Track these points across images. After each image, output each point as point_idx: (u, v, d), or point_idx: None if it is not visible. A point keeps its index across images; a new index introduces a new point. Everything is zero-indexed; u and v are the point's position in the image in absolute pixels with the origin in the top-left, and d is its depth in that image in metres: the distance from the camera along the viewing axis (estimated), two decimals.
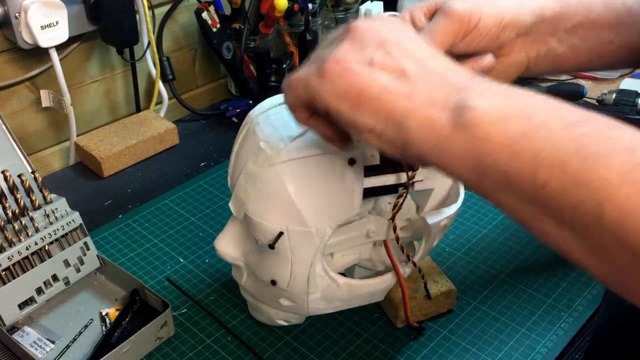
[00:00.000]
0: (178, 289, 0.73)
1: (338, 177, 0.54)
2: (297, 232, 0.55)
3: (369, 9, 1.21)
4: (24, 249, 0.65)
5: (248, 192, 0.56)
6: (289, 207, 0.54)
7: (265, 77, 1.01)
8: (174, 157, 0.99)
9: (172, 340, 0.67)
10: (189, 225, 0.84)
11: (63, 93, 0.92)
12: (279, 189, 0.54)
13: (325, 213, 0.55)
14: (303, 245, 0.56)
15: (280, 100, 0.58)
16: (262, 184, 0.55)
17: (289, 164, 0.53)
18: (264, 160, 0.54)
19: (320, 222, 0.55)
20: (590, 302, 0.71)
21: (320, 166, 0.54)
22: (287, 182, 0.54)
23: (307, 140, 0.54)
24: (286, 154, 0.53)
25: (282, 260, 0.57)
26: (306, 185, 0.54)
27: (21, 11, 0.82)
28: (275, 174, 0.54)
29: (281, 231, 0.55)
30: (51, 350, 0.66)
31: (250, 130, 0.58)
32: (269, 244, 0.56)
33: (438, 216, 0.60)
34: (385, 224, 0.61)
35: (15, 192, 0.65)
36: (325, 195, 0.54)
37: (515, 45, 0.58)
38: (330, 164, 0.53)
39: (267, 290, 0.62)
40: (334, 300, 0.62)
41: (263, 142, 0.55)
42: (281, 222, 0.55)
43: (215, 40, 1.01)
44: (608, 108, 1.05)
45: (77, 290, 0.72)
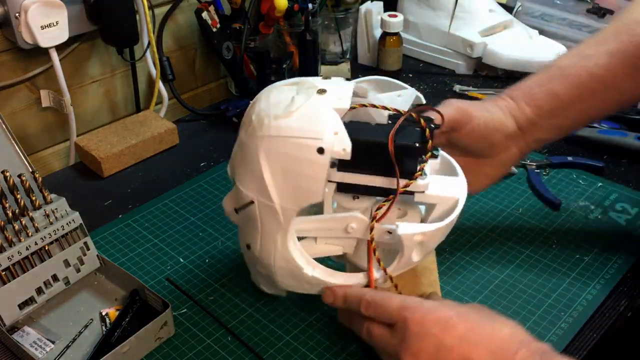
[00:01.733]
0: (178, 289, 0.73)
1: (306, 162, 0.56)
2: (264, 205, 0.59)
3: (368, 9, 1.21)
4: (24, 249, 0.65)
5: (237, 158, 0.61)
6: (259, 179, 0.58)
7: (265, 77, 1.01)
8: (174, 157, 0.99)
9: (172, 340, 0.67)
10: (189, 225, 0.84)
11: (63, 93, 0.92)
12: (255, 161, 0.58)
13: (290, 194, 0.57)
14: (269, 218, 0.59)
15: (286, 82, 0.62)
16: (245, 153, 0.59)
17: (266, 140, 0.57)
18: (251, 132, 0.59)
19: (284, 201, 0.58)
20: (591, 302, 0.71)
21: (292, 148, 0.56)
22: (261, 156, 0.57)
23: (288, 122, 0.57)
24: (267, 130, 0.57)
25: (254, 227, 0.61)
26: (276, 163, 0.57)
27: (21, 11, 0.82)
28: (254, 146, 0.58)
29: (252, 200, 0.59)
30: (51, 350, 0.66)
31: (253, 102, 0.62)
32: (234, 208, 0.61)
33: (411, 228, 0.58)
34: (366, 223, 0.61)
35: (15, 192, 0.65)
36: (291, 176, 0.57)
37: (505, 144, 0.70)
38: (300, 149, 0.56)
39: (249, 254, 0.64)
40: (302, 282, 0.63)
41: (255, 115, 0.59)
42: (253, 191, 0.59)
43: (215, 40, 1.01)
44: None
45: (77, 290, 0.72)
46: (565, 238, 0.80)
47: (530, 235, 0.80)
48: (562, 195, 0.87)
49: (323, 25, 1.19)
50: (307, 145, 0.56)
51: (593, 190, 0.88)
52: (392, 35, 1.14)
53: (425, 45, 1.26)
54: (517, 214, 0.84)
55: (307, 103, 0.58)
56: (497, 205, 0.86)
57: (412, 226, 0.59)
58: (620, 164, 0.94)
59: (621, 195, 0.87)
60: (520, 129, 0.70)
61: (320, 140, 0.55)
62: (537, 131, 0.70)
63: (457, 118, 0.67)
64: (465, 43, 1.19)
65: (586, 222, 0.82)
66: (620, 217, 0.83)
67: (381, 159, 0.58)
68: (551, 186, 0.89)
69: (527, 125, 0.69)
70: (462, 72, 1.22)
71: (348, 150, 0.56)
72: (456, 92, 1.14)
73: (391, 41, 1.14)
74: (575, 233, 0.81)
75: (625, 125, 1.00)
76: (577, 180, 0.90)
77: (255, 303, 0.71)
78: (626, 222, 0.82)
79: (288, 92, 0.60)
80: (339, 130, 0.56)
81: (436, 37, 1.24)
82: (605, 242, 0.79)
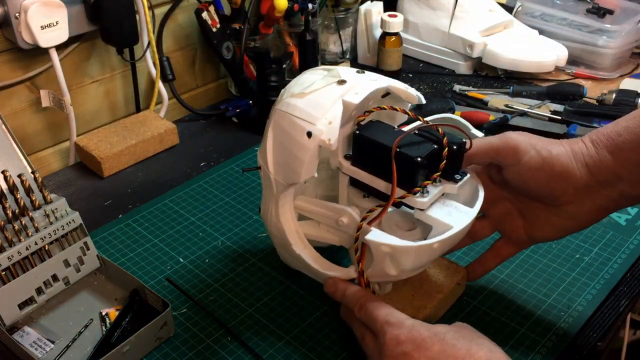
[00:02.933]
0: (178, 289, 0.73)
1: (296, 142, 0.59)
2: (265, 173, 0.63)
3: (368, 9, 1.21)
4: (24, 249, 0.65)
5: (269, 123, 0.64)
6: (266, 147, 0.62)
7: (265, 77, 1.01)
8: (174, 157, 0.99)
9: (172, 340, 0.67)
10: (189, 225, 0.84)
11: (63, 93, 0.92)
12: (268, 130, 0.62)
13: (281, 168, 0.61)
14: (267, 186, 0.63)
15: (323, 67, 0.65)
16: (268, 121, 0.62)
17: (277, 113, 0.61)
18: (277, 101, 0.62)
19: (277, 173, 0.61)
20: (590, 302, 0.71)
21: (291, 127, 0.59)
22: (270, 126, 0.62)
23: (299, 102, 0.59)
24: (280, 104, 0.61)
25: (263, 188, 0.65)
26: (278, 136, 0.60)
27: (21, 11, 0.82)
28: (271, 115, 0.62)
29: (260, 165, 0.63)
30: (51, 350, 0.66)
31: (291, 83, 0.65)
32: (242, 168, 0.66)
33: (378, 237, 0.58)
34: (356, 221, 0.62)
35: (15, 192, 0.65)
36: (285, 152, 0.60)
37: (574, 196, 0.60)
38: (295, 128, 0.59)
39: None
40: (292, 258, 0.66)
41: (284, 90, 0.63)
42: (261, 157, 0.63)
43: (215, 40, 1.01)
44: (608, 108, 1.05)
45: (77, 290, 0.72)
46: (565, 238, 0.80)
47: None
48: None
49: (323, 25, 1.19)
50: (300, 127, 0.58)
51: None
52: (392, 35, 1.14)
53: (425, 45, 1.26)
54: None
55: (322, 89, 0.60)
56: None
57: (380, 236, 0.58)
58: None
59: None
60: (598, 182, 0.58)
61: (313, 125, 0.58)
62: (624, 186, 0.58)
63: (501, 150, 0.60)
64: (465, 43, 1.19)
65: None
66: (620, 217, 0.83)
67: (384, 162, 0.58)
68: None
69: (610, 178, 0.58)
70: (462, 72, 1.22)
71: (332, 142, 0.57)
72: (456, 92, 1.14)
73: (391, 41, 1.14)
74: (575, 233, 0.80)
75: None
76: None
77: (255, 303, 0.71)
78: (626, 222, 0.82)
79: (316, 76, 0.62)
80: (334, 120, 0.58)
81: (436, 37, 1.24)
82: (605, 242, 0.79)
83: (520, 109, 1.05)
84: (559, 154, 0.59)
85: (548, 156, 0.59)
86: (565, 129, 1.00)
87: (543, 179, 0.59)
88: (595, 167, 0.58)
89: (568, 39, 1.20)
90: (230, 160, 0.97)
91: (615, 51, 1.17)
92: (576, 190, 0.59)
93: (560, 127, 1.01)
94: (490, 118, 1.02)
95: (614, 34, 1.16)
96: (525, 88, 1.11)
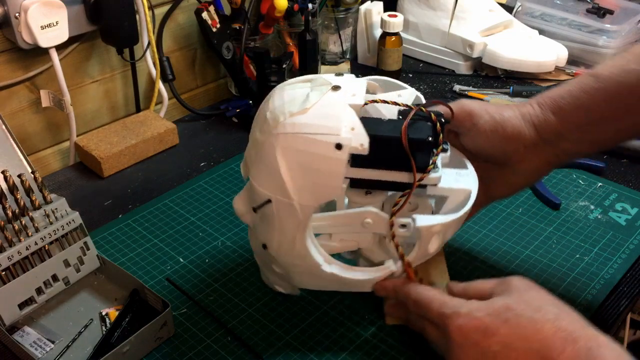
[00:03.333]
0: (178, 289, 0.73)
1: (324, 158, 0.56)
2: (282, 203, 0.58)
3: (368, 9, 1.21)
4: (24, 249, 0.65)
5: (252, 157, 0.61)
6: (276, 177, 0.57)
7: (265, 77, 1.01)
8: (174, 157, 0.99)
9: (172, 340, 0.67)
10: (189, 225, 0.84)
11: (63, 93, 0.92)
12: (271, 159, 0.58)
13: (308, 190, 0.57)
14: (287, 216, 0.59)
15: (299, 79, 0.62)
16: (261, 151, 0.59)
17: (282, 137, 0.57)
18: (266, 130, 0.58)
19: (302, 198, 0.57)
20: (590, 302, 0.71)
21: (310, 145, 0.56)
22: (278, 153, 0.57)
23: (304, 119, 0.57)
24: (282, 127, 0.57)
25: (271, 227, 0.60)
26: (294, 160, 0.57)
27: (21, 11, 0.82)
28: (270, 144, 0.58)
29: (269, 199, 0.59)
30: (51, 350, 0.66)
31: (266, 99, 0.62)
32: (253, 207, 0.60)
33: (429, 221, 0.60)
34: (382, 217, 0.62)
35: (15, 192, 0.65)
36: (309, 173, 0.57)
37: (524, 154, 0.65)
38: (318, 145, 0.56)
39: (264, 254, 0.64)
40: (320, 279, 0.63)
41: (269, 112, 0.59)
42: (270, 190, 0.58)
43: (215, 40, 1.02)
44: None
45: (77, 290, 0.72)
46: (565, 238, 0.80)
47: (530, 235, 0.80)
48: (562, 195, 0.87)
49: (323, 25, 1.19)
50: (324, 142, 0.56)
51: (593, 190, 0.88)
52: (392, 35, 1.14)
53: (425, 45, 1.26)
54: (517, 213, 0.84)
55: (322, 99, 0.58)
56: (497, 205, 0.86)
57: (430, 218, 0.60)
58: (620, 164, 0.94)
59: (621, 195, 0.87)
60: (543, 140, 0.64)
61: (338, 136, 0.56)
62: (566, 143, 0.64)
63: (460, 118, 0.65)
64: (465, 43, 1.19)
65: (586, 222, 0.82)
66: (620, 217, 0.83)
67: (395, 153, 0.58)
68: (551, 186, 0.89)
69: (553, 136, 0.64)
70: (462, 72, 1.22)
71: (366, 146, 0.56)
72: (456, 92, 1.14)
73: (391, 41, 1.14)
74: (575, 233, 0.81)
75: None
76: (577, 180, 0.90)
77: (255, 303, 0.71)
78: (626, 222, 0.82)
79: (302, 89, 0.60)
80: (355, 125, 0.57)
81: (436, 37, 1.24)
82: (605, 242, 0.79)
83: None
84: (510, 116, 0.64)
85: (500, 119, 0.64)
86: None
87: (497, 140, 0.64)
88: (542, 127, 0.64)
89: (568, 39, 1.20)
90: (230, 160, 0.97)
91: (615, 51, 1.17)
92: (526, 148, 0.64)
93: None
94: None
95: (614, 34, 1.16)
96: (525, 88, 1.11)
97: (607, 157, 0.96)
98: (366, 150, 0.57)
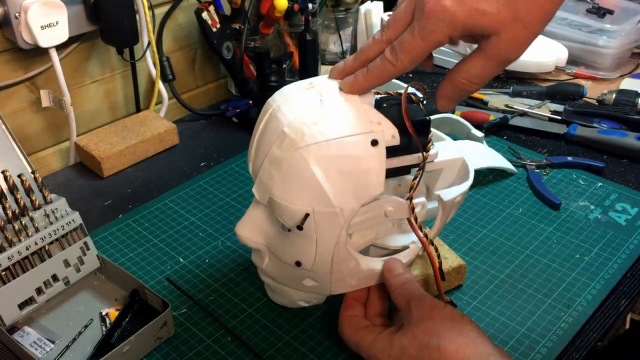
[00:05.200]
0: (178, 289, 0.73)
1: (361, 158, 0.56)
2: (322, 213, 0.57)
3: (368, 9, 1.21)
4: (24, 249, 0.65)
5: (273, 177, 0.58)
6: (315, 188, 0.56)
7: (265, 77, 1.01)
8: (174, 157, 0.99)
9: (172, 340, 0.67)
10: (189, 225, 0.84)
11: (63, 93, 0.92)
12: (304, 172, 0.56)
13: (350, 193, 0.57)
14: (328, 225, 0.58)
15: (298, 86, 0.61)
16: (288, 167, 0.57)
17: (313, 147, 0.56)
18: (289, 145, 0.56)
19: (345, 202, 0.57)
20: (590, 302, 0.71)
21: (344, 148, 0.56)
22: (313, 164, 0.56)
23: (330, 124, 0.56)
24: (311, 138, 0.56)
25: (307, 241, 0.59)
26: (331, 166, 0.56)
27: (21, 11, 0.82)
28: (300, 157, 0.56)
29: (307, 213, 0.57)
30: (51, 350, 0.66)
31: (272, 115, 0.59)
32: (297, 225, 0.57)
33: (452, 193, 0.64)
34: (403, 203, 0.62)
35: (15, 192, 0.65)
36: (349, 175, 0.56)
37: None
38: (353, 146, 0.56)
39: (291, 272, 0.63)
40: (357, 279, 0.64)
41: (287, 127, 0.57)
42: (307, 203, 0.57)
43: (215, 40, 1.01)
44: (608, 108, 1.05)
45: (77, 290, 0.72)
46: (565, 238, 0.80)
47: (530, 235, 0.80)
48: (562, 195, 0.87)
49: (323, 25, 1.19)
50: (357, 142, 0.56)
51: (593, 190, 0.88)
52: None
53: None
54: (517, 213, 0.84)
55: (339, 102, 0.57)
56: (497, 205, 0.86)
57: (452, 191, 0.64)
58: (620, 164, 0.94)
59: (621, 195, 0.87)
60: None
61: (371, 133, 0.56)
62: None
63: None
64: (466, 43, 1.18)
65: (586, 222, 0.82)
66: (620, 217, 0.83)
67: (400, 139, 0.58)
68: (551, 186, 0.89)
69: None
70: None
71: (397, 137, 0.57)
72: None
73: None
74: (575, 233, 0.81)
75: (625, 125, 1.00)
76: (577, 180, 0.90)
77: (255, 303, 0.71)
78: (626, 222, 0.82)
79: (310, 96, 0.58)
80: (381, 119, 0.57)
81: None
82: (605, 242, 0.79)
83: (520, 109, 1.05)
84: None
85: None
86: (565, 129, 1.00)
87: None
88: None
89: (568, 39, 1.20)
90: (230, 160, 0.97)
91: (615, 51, 1.17)
92: None
93: (560, 127, 1.01)
94: (490, 118, 1.02)
95: (614, 34, 1.16)
96: (525, 88, 1.11)
97: (607, 157, 0.96)
98: (398, 140, 0.57)
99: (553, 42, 1.19)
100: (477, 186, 0.89)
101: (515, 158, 0.95)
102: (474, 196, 0.87)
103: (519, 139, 1.01)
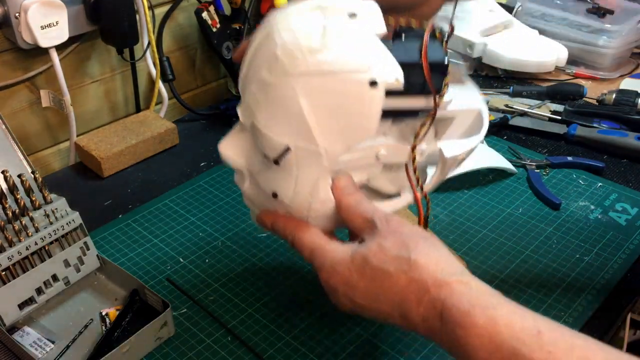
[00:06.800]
0: (178, 289, 0.73)
1: (357, 98, 0.51)
2: (304, 150, 0.53)
3: None
4: (24, 249, 0.65)
5: (258, 101, 0.54)
6: (299, 122, 0.52)
7: None
8: (174, 157, 0.99)
9: (172, 340, 0.67)
10: (189, 225, 0.84)
11: (63, 93, 0.92)
12: (291, 102, 0.51)
13: (338, 133, 0.52)
14: (309, 164, 0.54)
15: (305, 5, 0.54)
16: (275, 95, 0.52)
17: (305, 77, 0.51)
18: (280, 70, 0.51)
19: (331, 142, 0.52)
20: (590, 302, 0.71)
21: (339, 84, 0.51)
22: (301, 96, 0.51)
23: (330, 54, 0.50)
24: (304, 66, 0.50)
25: (286, 175, 0.55)
26: (321, 102, 0.51)
27: (21, 11, 0.82)
28: (289, 85, 0.51)
29: (288, 147, 0.53)
30: (51, 350, 0.66)
31: (269, 34, 0.54)
32: (273, 158, 0.54)
33: (456, 149, 0.57)
34: (398, 147, 0.57)
35: (15, 192, 0.65)
36: (340, 115, 0.51)
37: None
38: (350, 84, 0.50)
39: (268, 202, 0.59)
40: (333, 220, 0.58)
41: (280, 48, 0.51)
42: (289, 137, 0.53)
43: (215, 40, 1.02)
44: (608, 108, 1.05)
45: (77, 290, 0.72)
46: (565, 238, 0.80)
47: (530, 235, 0.80)
48: (562, 195, 0.87)
49: None
50: (356, 80, 0.50)
51: (593, 190, 0.88)
52: None
53: None
54: (517, 213, 0.84)
55: (344, 31, 0.51)
56: (497, 205, 0.86)
57: (456, 146, 0.57)
58: (620, 164, 0.94)
59: (621, 195, 0.87)
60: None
61: (370, 72, 0.50)
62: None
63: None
64: (465, 43, 1.19)
65: (586, 222, 0.82)
66: (620, 217, 0.83)
67: (411, 79, 0.53)
68: (551, 186, 0.89)
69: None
70: None
71: (401, 80, 0.51)
72: None
73: None
74: (575, 233, 0.81)
75: (625, 125, 1.01)
76: (577, 180, 0.90)
77: (255, 303, 0.71)
78: (626, 222, 0.82)
79: (314, 19, 0.52)
80: (387, 58, 0.51)
81: None
82: (605, 242, 0.79)
83: (520, 109, 1.05)
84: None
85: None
86: (565, 129, 1.00)
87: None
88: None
89: (568, 39, 1.20)
90: None
91: (615, 51, 1.17)
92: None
93: (560, 127, 1.01)
94: (490, 118, 1.02)
95: (614, 34, 1.16)
96: (525, 88, 1.11)
97: (607, 157, 0.96)
98: (401, 85, 0.51)
99: (553, 42, 1.19)
100: (477, 186, 0.89)
101: (515, 158, 0.95)
102: (474, 196, 0.87)
103: (519, 139, 1.01)
